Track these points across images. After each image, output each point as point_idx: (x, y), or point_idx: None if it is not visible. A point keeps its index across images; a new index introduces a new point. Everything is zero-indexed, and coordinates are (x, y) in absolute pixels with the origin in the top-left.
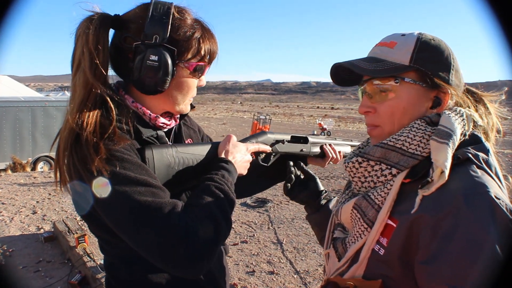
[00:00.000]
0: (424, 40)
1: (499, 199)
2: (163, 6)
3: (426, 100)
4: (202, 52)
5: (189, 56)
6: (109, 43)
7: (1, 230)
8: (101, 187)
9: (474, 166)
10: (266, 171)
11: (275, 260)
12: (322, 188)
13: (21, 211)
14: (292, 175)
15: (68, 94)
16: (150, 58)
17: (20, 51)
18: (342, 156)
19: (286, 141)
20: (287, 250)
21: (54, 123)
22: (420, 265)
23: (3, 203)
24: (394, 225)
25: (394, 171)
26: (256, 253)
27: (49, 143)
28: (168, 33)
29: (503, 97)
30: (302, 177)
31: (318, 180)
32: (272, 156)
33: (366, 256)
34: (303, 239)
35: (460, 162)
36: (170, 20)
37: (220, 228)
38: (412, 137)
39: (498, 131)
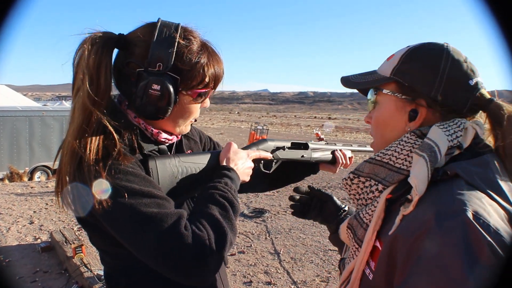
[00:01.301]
0: (412, 51)
1: (478, 218)
2: (169, 29)
3: (403, 113)
4: (207, 80)
5: (193, 83)
6: (113, 62)
7: None
8: (102, 191)
9: (463, 182)
10: (267, 177)
11: (272, 270)
12: (342, 206)
13: (18, 221)
14: (296, 203)
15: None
16: (153, 87)
17: (18, 61)
18: (352, 161)
19: (286, 147)
20: (284, 260)
21: (51, 132)
22: None
23: (0, 213)
24: (380, 248)
25: (380, 187)
26: (253, 264)
27: (47, 153)
28: (172, 61)
29: None
30: (318, 198)
31: (335, 199)
32: (273, 163)
33: (356, 277)
34: (301, 249)
35: (448, 177)
36: (175, 48)
37: (225, 236)
38: (400, 151)
39: None
